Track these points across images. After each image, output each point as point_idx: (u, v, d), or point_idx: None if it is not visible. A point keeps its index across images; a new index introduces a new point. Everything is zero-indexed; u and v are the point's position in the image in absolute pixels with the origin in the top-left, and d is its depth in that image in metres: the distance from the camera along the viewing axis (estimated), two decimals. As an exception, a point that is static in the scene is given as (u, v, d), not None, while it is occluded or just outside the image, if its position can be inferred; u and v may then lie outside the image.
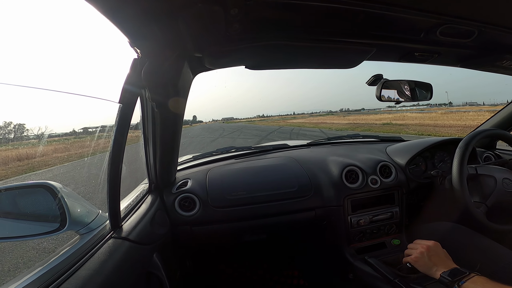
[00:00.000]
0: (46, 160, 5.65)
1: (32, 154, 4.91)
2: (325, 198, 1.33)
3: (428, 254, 0.87)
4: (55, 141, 4.11)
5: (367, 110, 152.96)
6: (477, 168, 1.14)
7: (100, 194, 0.82)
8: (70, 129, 4.92)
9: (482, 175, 1.11)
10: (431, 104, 78.52)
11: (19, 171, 5.05)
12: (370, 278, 1.16)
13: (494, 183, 1.08)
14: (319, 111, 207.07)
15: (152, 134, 0.99)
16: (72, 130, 4.02)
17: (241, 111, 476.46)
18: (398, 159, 1.47)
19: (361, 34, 0.77)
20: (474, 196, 1.13)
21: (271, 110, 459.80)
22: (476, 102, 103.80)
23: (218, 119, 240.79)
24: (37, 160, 5.55)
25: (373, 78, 1.07)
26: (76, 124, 9.44)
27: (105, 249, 0.70)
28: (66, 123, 23.66)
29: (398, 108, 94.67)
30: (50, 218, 0.67)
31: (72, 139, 4.00)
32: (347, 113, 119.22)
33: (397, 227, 1.39)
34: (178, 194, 1.24)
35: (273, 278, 1.75)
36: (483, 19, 0.71)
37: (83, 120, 4.95)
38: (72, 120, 10.27)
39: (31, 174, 5.03)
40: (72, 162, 5.28)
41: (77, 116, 5.71)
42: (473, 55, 0.95)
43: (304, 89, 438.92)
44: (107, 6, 0.50)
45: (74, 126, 6.16)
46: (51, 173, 5.21)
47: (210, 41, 0.70)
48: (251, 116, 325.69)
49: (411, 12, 0.65)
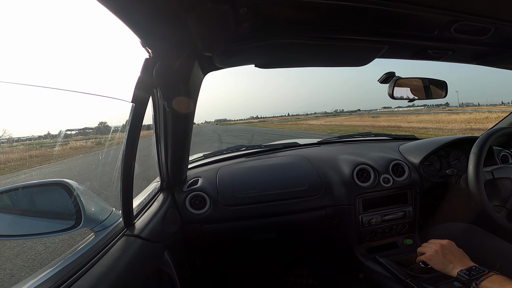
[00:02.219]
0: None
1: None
2: (335, 197, 1.32)
3: (442, 252, 0.86)
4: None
5: (367, 111, 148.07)
6: (493, 172, 1.10)
7: (114, 191, 0.83)
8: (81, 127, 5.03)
9: (499, 179, 1.08)
10: (428, 105, 76.02)
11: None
12: (381, 277, 1.14)
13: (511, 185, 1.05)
14: (314, 112, 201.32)
15: (164, 132, 1.01)
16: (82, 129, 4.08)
17: (234, 112, 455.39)
18: (412, 157, 1.44)
19: (373, 31, 0.76)
20: (493, 200, 1.09)
21: (265, 112, 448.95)
22: (472, 103, 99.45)
23: (211, 120, 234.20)
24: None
25: (385, 75, 1.05)
26: (87, 123, 9.50)
27: (118, 246, 0.71)
28: (76, 123, 24.11)
29: (394, 109, 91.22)
30: (66, 216, 0.69)
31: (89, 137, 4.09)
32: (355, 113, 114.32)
33: (410, 227, 1.36)
34: (189, 192, 1.26)
35: (282, 277, 1.75)
36: (499, 16, 0.69)
37: (95, 119, 4.99)
38: (82, 119, 10.44)
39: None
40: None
41: (88, 115, 5.82)
42: (490, 52, 0.93)
43: (300, 90, 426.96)
44: (119, 7, 0.51)
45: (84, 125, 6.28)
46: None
47: (219, 40, 0.70)
48: (244, 117, 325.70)
49: (424, 9, 0.63)
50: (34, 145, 3.44)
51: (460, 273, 0.77)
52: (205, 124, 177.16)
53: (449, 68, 35.58)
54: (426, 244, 0.94)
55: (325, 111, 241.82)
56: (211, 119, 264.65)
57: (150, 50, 0.69)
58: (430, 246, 0.91)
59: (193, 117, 1.03)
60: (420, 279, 1.02)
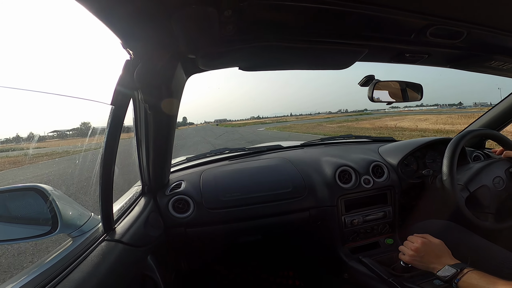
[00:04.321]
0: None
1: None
2: (319, 199, 1.34)
3: (419, 255, 0.89)
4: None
5: (370, 111, 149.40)
6: (467, 187, 1.13)
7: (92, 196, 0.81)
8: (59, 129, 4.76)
9: (475, 191, 1.11)
10: (440, 105, 74.63)
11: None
12: (365, 277, 1.17)
13: (488, 190, 1.09)
14: (318, 112, 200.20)
15: (145, 136, 0.99)
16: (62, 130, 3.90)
17: (234, 112, 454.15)
18: (390, 159, 1.48)
19: (354, 35, 0.78)
20: (478, 210, 1.12)
21: (266, 112, 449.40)
22: (486, 103, 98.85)
23: (211, 120, 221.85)
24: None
25: (365, 79, 1.08)
26: (66, 126, 9.05)
27: (98, 251, 0.69)
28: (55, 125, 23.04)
29: (404, 109, 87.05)
30: (41, 221, 0.66)
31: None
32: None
33: (390, 227, 1.40)
34: (171, 196, 1.24)
35: (268, 278, 1.75)
36: (472, 20, 0.72)
37: (73, 122, 4.73)
38: (61, 121, 10.00)
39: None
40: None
41: (66, 117, 5.53)
42: (462, 56, 0.96)
43: (304, 90, 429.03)
44: (99, 7, 0.50)
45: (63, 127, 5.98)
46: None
47: (203, 43, 0.70)
48: (244, 118, 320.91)
49: (402, 13, 0.66)
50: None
51: (439, 273, 0.81)
52: (204, 124, 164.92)
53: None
54: (406, 243, 0.97)
55: (330, 111, 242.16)
56: (210, 119, 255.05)
57: (131, 51, 0.67)
58: (407, 248, 0.94)
59: (176, 119, 1.02)
60: (402, 278, 1.05)
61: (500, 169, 1.13)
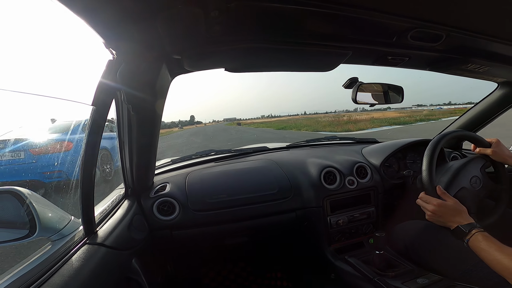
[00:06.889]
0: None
1: None
2: (305, 200, 1.36)
3: (436, 216, 0.98)
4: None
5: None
6: (448, 192, 1.12)
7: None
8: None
9: (456, 194, 1.12)
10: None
11: None
12: (351, 277, 1.19)
13: (467, 192, 1.12)
14: (334, 111, 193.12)
15: (128, 137, 0.97)
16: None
17: (244, 111, 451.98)
18: (373, 160, 1.52)
19: (338, 37, 0.80)
20: None
21: (278, 110, 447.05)
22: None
23: (220, 119, 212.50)
24: None
25: (348, 81, 1.10)
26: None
27: (79, 255, 0.67)
28: (37, 126, 22.10)
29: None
30: (18, 225, 0.64)
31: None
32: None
33: (374, 227, 1.43)
34: (156, 198, 1.22)
35: (256, 280, 1.75)
36: (451, 23, 0.74)
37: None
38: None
39: None
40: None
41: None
42: (441, 58, 0.99)
43: (322, 89, 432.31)
44: (80, 7, 0.49)
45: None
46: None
47: (189, 43, 0.69)
48: (254, 116, 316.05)
49: (385, 16, 0.67)
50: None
51: (452, 232, 0.92)
52: (213, 123, 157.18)
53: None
54: (421, 202, 1.05)
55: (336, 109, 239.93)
56: (219, 118, 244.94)
57: (114, 51, 0.66)
58: (426, 209, 1.02)
59: (160, 121, 1.01)
60: (387, 277, 1.08)
61: (475, 168, 1.18)
